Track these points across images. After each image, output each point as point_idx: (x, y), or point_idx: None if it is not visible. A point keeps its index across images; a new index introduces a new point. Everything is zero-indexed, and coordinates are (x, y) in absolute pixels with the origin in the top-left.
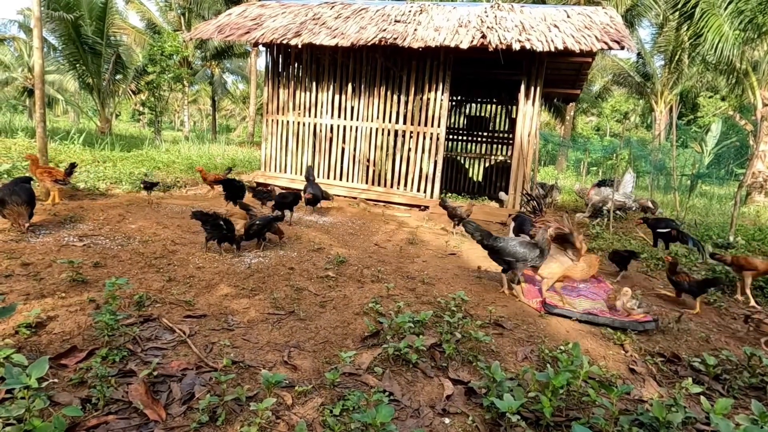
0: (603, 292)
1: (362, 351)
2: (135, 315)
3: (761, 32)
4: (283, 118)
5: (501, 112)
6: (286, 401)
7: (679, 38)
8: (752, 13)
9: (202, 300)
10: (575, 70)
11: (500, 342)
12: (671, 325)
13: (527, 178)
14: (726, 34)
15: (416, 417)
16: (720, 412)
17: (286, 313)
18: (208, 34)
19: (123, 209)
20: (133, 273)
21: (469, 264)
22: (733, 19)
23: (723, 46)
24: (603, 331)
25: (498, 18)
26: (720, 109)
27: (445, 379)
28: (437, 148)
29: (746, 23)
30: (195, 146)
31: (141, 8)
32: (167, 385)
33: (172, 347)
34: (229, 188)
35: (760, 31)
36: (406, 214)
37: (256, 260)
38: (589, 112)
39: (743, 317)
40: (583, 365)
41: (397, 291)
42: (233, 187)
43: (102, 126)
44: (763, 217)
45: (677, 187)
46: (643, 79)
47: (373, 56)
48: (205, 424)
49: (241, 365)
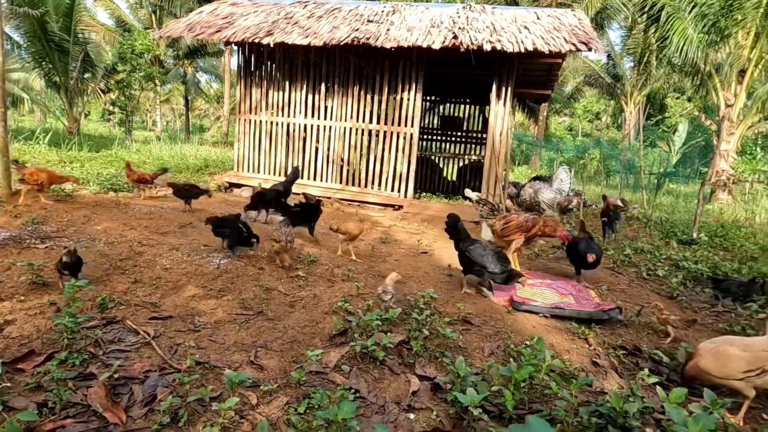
0: (573, 288)
1: (330, 349)
2: (98, 317)
3: (724, 35)
4: (256, 117)
5: (475, 112)
6: (251, 401)
7: (647, 41)
8: (715, 17)
9: (168, 301)
10: (546, 71)
11: (468, 338)
12: (633, 318)
13: (500, 177)
14: (690, 37)
15: (381, 413)
16: (674, 401)
17: (254, 313)
18: (179, 33)
19: (89, 210)
20: (97, 275)
21: (441, 262)
22: (697, 22)
23: (687, 48)
24: (569, 326)
25: (470, 19)
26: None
27: (411, 376)
28: (411, 148)
29: (710, 26)
30: (167, 146)
31: (110, 5)
32: (129, 388)
33: (135, 349)
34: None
35: (723, 35)
36: (380, 213)
37: (226, 261)
38: (562, 112)
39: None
40: (545, 359)
41: (368, 290)
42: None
43: (70, 126)
44: (727, 214)
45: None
46: (613, 81)
47: (347, 56)
48: (167, 425)
49: (206, 366)
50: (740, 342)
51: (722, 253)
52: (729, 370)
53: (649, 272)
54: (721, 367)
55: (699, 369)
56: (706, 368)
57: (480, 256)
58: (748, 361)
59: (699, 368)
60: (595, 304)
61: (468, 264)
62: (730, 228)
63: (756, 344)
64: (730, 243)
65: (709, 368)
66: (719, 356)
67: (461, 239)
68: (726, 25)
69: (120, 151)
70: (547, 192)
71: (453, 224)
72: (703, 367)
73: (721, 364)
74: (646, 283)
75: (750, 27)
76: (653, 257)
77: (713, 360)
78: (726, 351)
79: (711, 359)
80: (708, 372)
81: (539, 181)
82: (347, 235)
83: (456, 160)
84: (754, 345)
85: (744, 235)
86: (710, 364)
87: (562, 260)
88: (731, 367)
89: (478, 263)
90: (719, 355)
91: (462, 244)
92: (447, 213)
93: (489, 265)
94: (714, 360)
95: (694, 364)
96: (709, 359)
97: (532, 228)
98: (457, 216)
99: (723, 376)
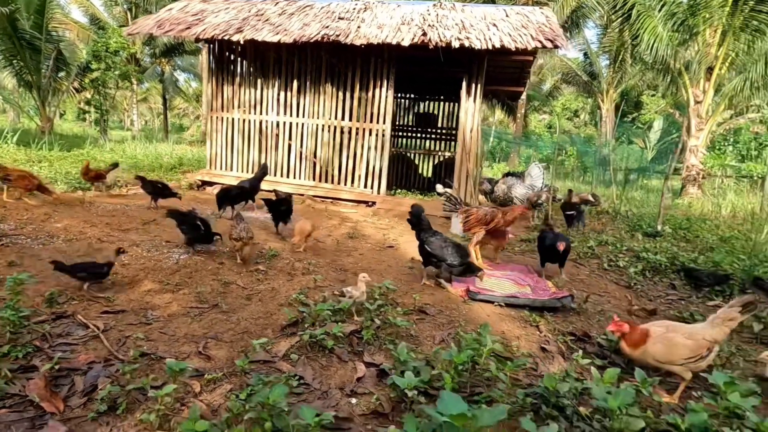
0: (531, 280)
1: (281, 339)
2: (47, 312)
3: (692, 33)
4: (227, 115)
5: (449, 109)
6: (195, 389)
7: (622, 39)
8: (683, 15)
9: (123, 296)
10: (518, 68)
11: (421, 327)
12: (584, 305)
13: (471, 172)
14: (660, 35)
15: (324, 398)
16: (608, 381)
17: (209, 306)
18: (148, 29)
19: (50, 208)
20: (51, 271)
21: (405, 256)
22: (666, 20)
23: (658, 46)
24: (522, 314)
25: (439, 16)
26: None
27: (359, 363)
28: (384, 145)
29: (678, 25)
30: (142, 145)
31: (84, 2)
32: (71, 379)
33: (83, 342)
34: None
35: (691, 32)
36: (352, 210)
37: (186, 256)
38: (541, 110)
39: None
40: (486, 344)
41: (326, 282)
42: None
43: (43, 125)
44: (695, 208)
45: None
46: (590, 78)
47: (318, 53)
48: (104, 413)
49: (153, 357)
50: (682, 329)
51: (683, 245)
52: (674, 357)
53: (610, 263)
54: (668, 353)
55: (647, 354)
56: (654, 354)
57: (439, 247)
58: (691, 348)
59: (648, 353)
60: (551, 293)
61: (427, 255)
62: (695, 221)
63: (698, 332)
64: (692, 235)
65: (656, 354)
66: (667, 343)
67: (423, 230)
68: (694, 24)
69: (93, 150)
70: (519, 188)
71: (417, 214)
72: (652, 352)
73: (668, 350)
74: (607, 274)
75: (717, 25)
76: (615, 249)
77: (662, 347)
78: (673, 339)
79: (659, 346)
80: (655, 357)
81: (512, 177)
82: (300, 236)
83: (432, 156)
84: (697, 333)
85: (707, 228)
86: (658, 351)
87: (527, 253)
88: (676, 353)
89: (436, 255)
90: (667, 342)
91: (423, 235)
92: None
93: (448, 257)
94: (662, 347)
95: (642, 349)
96: (658, 346)
97: (491, 221)
98: (421, 207)
99: (667, 361)
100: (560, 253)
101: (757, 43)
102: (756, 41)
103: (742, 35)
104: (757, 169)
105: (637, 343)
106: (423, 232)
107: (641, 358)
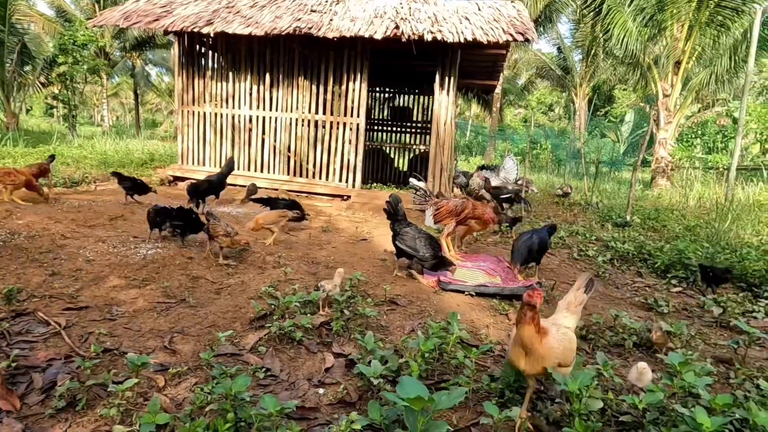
0: (502, 270)
1: (249, 332)
2: (6, 310)
3: (660, 28)
4: (199, 109)
5: (424, 102)
6: (159, 383)
7: (594, 34)
8: (652, 10)
9: (87, 293)
10: (492, 61)
11: (391, 318)
12: (551, 293)
13: (445, 166)
14: (630, 30)
15: (291, 389)
16: None
17: (176, 301)
18: (114, 21)
19: (12, 205)
20: (11, 268)
21: (378, 249)
22: (636, 15)
23: (628, 40)
24: (492, 303)
25: (412, 9)
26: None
27: (327, 354)
28: (358, 138)
29: (647, 20)
30: (112, 141)
31: None
32: (29, 377)
33: (43, 340)
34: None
35: (660, 27)
36: (327, 204)
37: (153, 251)
38: (516, 104)
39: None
40: (454, 332)
41: (298, 275)
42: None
43: (8, 121)
44: (664, 198)
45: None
46: (563, 73)
47: (291, 46)
48: (63, 410)
49: (116, 353)
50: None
51: (650, 234)
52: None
53: (580, 253)
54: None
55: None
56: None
57: (411, 239)
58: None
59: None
60: (521, 282)
61: (400, 247)
62: (663, 211)
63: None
64: (660, 225)
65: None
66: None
67: (398, 221)
68: (662, 19)
69: (60, 146)
70: (493, 181)
71: (395, 204)
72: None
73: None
74: (576, 263)
75: (684, 20)
76: (585, 239)
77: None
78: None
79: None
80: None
81: (486, 171)
82: (254, 223)
83: (408, 150)
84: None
85: (675, 218)
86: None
87: (499, 245)
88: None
89: (409, 247)
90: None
91: (396, 226)
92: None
93: (420, 250)
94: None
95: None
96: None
97: (461, 212)
98: (399, 197)
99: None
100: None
101: (722, 37)
102: (721, 36)
103: (707, 30)
104: (723, 161)
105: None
106: (398, 223)
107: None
